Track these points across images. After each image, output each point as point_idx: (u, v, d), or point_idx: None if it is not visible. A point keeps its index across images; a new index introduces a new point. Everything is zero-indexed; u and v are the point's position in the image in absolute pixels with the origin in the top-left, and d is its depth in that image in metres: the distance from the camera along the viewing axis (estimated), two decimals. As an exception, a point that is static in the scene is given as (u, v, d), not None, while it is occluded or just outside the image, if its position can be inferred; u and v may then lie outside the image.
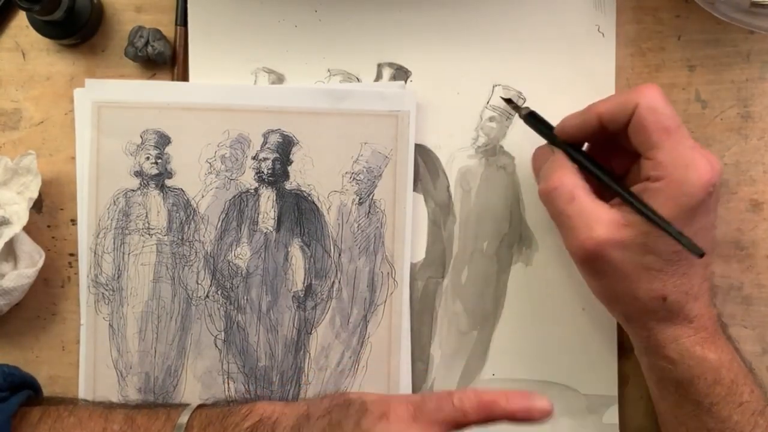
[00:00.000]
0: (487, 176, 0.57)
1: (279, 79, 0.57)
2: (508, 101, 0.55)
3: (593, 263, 0.47)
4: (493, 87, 0.57)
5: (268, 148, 0.56)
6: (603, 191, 0.49)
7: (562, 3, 0.57)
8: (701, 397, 0.48)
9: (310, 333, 0.57)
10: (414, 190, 0.57)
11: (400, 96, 0.56)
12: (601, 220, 0.46)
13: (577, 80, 0.57)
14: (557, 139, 0.51)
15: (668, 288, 0.47)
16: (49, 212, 0.57)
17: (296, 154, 0.56)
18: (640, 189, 0.47)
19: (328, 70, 0.57)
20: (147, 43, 0.56)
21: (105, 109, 0.56)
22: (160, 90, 0.56)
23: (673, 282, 0.47)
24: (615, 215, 0.46)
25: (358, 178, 0.56)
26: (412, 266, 0.57)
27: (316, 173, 0.56)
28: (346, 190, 0.57)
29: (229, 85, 0.56)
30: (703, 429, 0.48)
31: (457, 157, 0.57)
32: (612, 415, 0.56)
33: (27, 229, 0.54)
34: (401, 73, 0.57)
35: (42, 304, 0.57)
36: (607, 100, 0.49)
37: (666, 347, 0.49)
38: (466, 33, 0.57)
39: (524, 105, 0.56)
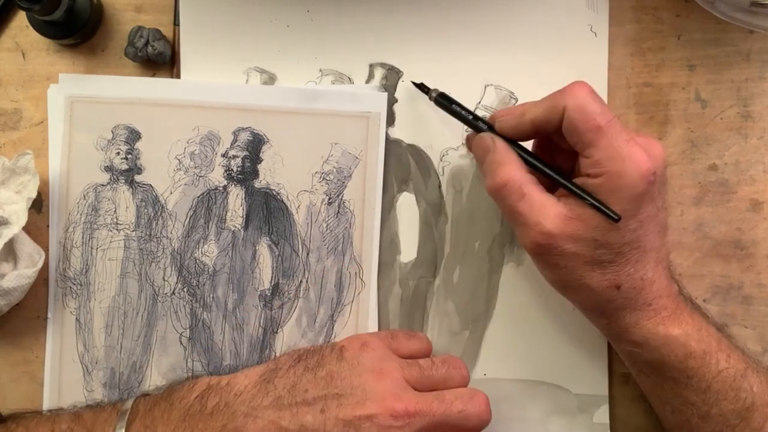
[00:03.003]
0: (479, 176, 0.57)
1: (271, 78, 0.57)
2: (417, 85, 0.55)
3: (545, 256, 0.48)
4: (485, 87, 0.57)
5: (238, 146, 0.56)
6: (549, 182, 0.49)
7: (554, 2, 0.56)
8: (676, 373, 0.48)
9: (276, 332, 0.56)
10: (405, 190, 0.57)
11: (371, 97, 0.56)
12: (550, 214, 0.47)
13: (570, 80, 0.55)
14: (481, 124, 0.51)
15: (621, 277, 0.47)
16: (49, 212, 0.57)
17: (266, 153, 0.56)
18: (580, 182, 0.47)
19: (320, 70, 0.57)
20: (147, 43, 0.56)
21: (78, 103, 0.56)
22: (132, 85, 0.56)
23: (626, 271, 0.47)
24: (563, 209, 0.47)
25: (327, 178, 0.56)
26: (404, 266, 0.57)
27: (285, 172, 0.56)
28: (316, 189, 0.56)
29: (200, 83, 0.56)
30: (686, 404, 0.49)
31: (448, 156, 0.57)
32: (603, 415, 0.56)
33: (27, 229, 0.54)
34: (393, 73, 0.57)
35: (42, 304, 0.57)
36: (537, 105, 0.49)
37: (628, 332, 0.49)
38: (458, 33, 0.57)
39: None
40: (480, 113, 0.56)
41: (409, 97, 0.57)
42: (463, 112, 0.52)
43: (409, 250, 0.57)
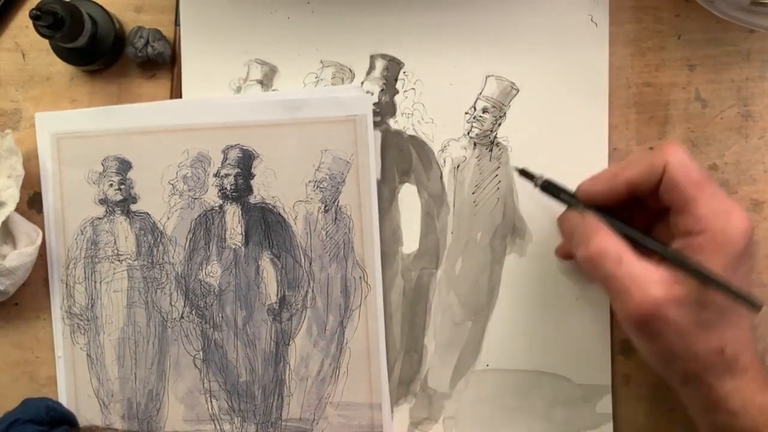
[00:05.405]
0: (481, 167, 0.57)
1: (272, 70, 0.57)
2: (523, 172, 0.53)
3: (650, 325, 0.46)
4: (486, 78, 0.57)
5: (229, 164, 0.56)
6: (642, 250, 0.47)
7: (555, -7, 0.56)
8: None
9: (288, 344, 0.57)
10: (407, 181, 0.57)
11: (356, 100, 0.56)
12: (654, 279, 0.45)
13: (571, 70, 0.56)
14: (581, 205, 0.50)
15: (725, 340, 0.46)
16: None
17: (257, 168, 0.56)
18: (681, 246, 0.46)
19: (321, 62, 0.57)
20: (147, 43, 0.56)
21: (64, 140, 0.56)
22: (115, 115, 0.56)
23: (730, 333, 0.46)
24: (664, 273, 0.45)
25: (321, 185, 0.56)
26: (406, 257, 0.57)
27: (279, 185, 0.56)
28: (311, 198, 0.56)
29: (184, 103, 0.56)
30: None
31: (450, 147, 0.57)
32: (605, 405, 0.56)
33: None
34: (394, 64, 0.57)
35: (42, 304, 0.57)
36: (633, 166, 0.48)
37: (728, 400, 0.47)
38: (459, 24, 0.57)
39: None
40: (481, 104, 0.57)
41: (411, 88, 0.57)
42: (571, 199, 0.51)
43: (411, 241, 0.57)
